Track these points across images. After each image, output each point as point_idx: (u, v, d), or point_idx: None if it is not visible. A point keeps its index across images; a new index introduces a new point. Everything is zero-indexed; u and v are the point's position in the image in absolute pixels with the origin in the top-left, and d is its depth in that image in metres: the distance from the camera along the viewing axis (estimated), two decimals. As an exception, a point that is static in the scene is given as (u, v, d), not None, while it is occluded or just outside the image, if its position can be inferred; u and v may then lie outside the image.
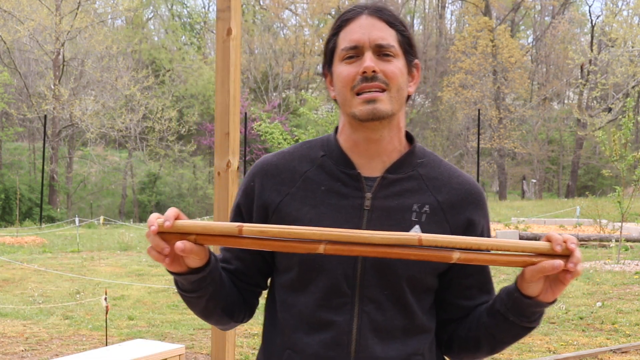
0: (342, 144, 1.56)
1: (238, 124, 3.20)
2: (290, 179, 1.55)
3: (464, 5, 41.52)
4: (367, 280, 1.47)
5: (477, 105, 32.29)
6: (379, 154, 1.53)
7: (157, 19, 43.29)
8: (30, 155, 34.04)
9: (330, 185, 1.52)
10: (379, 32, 1.49)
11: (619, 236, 12.20)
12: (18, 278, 10.11)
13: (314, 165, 1.55)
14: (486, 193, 39.10)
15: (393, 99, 1.49)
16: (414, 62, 1.56)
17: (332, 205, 1.50)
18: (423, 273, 1.49)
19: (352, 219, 1.48)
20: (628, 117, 11.34)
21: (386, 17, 1.51)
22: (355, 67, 1.48)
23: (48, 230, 18.48)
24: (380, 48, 1.48)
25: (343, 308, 1.47)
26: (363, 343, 1.46)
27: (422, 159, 1.56)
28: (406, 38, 1.53)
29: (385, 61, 1.48)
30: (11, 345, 6.52)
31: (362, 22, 1.50)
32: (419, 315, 1.51)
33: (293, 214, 1.51)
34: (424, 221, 1.49)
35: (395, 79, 1.48)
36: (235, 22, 3.15)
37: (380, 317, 1.47)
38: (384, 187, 1.51)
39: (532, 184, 38.99)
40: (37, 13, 27.39)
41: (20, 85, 30.77)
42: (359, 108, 1.47)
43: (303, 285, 1.50)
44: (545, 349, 6.20)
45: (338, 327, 1.46)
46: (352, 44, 1.49)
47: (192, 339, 6.79)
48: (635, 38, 30.61)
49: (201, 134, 33.88)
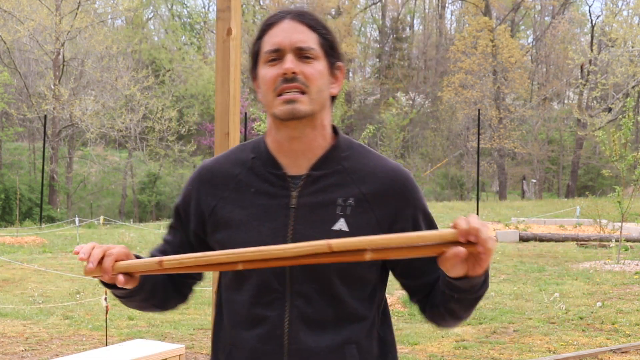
0: (270, 145, 1.62)
1: (238, 124, 3.20)
2: (223, 183, 1.63)
3: (464, 5, 41.52)
4: (296, 276, 1.53)
5: (477, 105, 32.29)
6: (303, 153, 1.58)
7: (157, 19, 43.31)
8: (30, 155, 34.05)
9: (259, 187, 1.59)
10: (300, 35, 1.55)
11: (619, 236, 12.21)
12: (18, 278, 10.12)
13: (245, 168, 1.63)
14: (486, 193, 39.14)
15: (313, 99, 1.53)
16: (336, 64, 1.61)
17: (261, 206, 1.57)
18: (353, 264, 1.50)
19: (279, 218, 1.55)
20: (628, 117, 11.33)
21: (307, 21, 1.57)
22: (276, 69, 1.53)
23: (48, 230, 18.48)
24: (301, 50, 1.54)
25: (275, 303, 1.54)
26: (295, 335, 1.52)
27: (347, 152, 1.60)
28: (328, 41, 1.58)
29: (305, 63, 1.54)
30: (11, 345, 6.52)
31: (284, 26, 1.56)
32: (352, 305, 1.55)
33: (225, 216, 1.60)
34: (349, 214, 1.54)
35: (314, 80, 1.53)
36: (235, 22, 3.15)
37: (310, 309, 1.52)
38: (309, 184, 1.57)
39: (532, 184, 39.00)
40: (37, 13, 27.39)
41: (20, 85, 30.78)
42: (279, 108, 1.53)
43: (239, 284, 1.58)
44: (545, 349, 6.20)
45: (271, 322, 1.53)
46: (274, 47, 1.55)
47: (192, 339, 6.80)
48: (635, 38, 30.61)
49: (201, 134, 33.90)
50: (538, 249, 13.04)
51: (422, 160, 39.20)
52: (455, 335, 6.69)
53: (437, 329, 1.68)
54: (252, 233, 1.56)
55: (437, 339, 6.55)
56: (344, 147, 1.61)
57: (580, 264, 11.17)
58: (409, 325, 7.09)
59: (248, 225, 1.56)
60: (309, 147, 1.58)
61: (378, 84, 43.70)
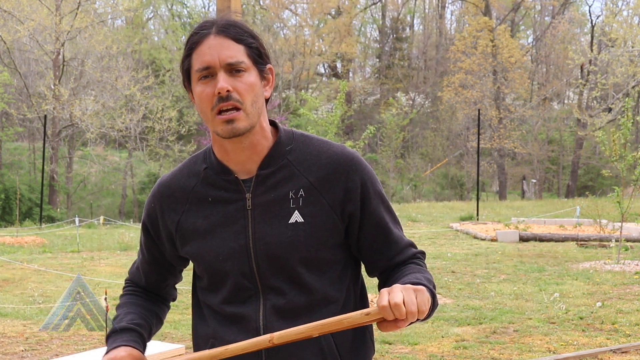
0: (218, 155, 1.68)
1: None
2: (182, 196, 1.70)
3: (464, 5, 41.51)
4: (263, 272, 1.62)
5: (477, 105, 32.28)
6: (249, 157, 1.65)
7: (157, 19, 43.31)
8: (30, 155, 34.04)
9: (215, 195, 1.67)
10: (227, 52, 1.58)
11: (619, 236, 12.21)
12: (18, 278, 10.12)
13: (199, 179, 1.70)
14: (486, 193, 39.13)
15: (249, 113, 1.59)
16: (266, 69, 1.65)
17: (220, 213, 1.65)
18: (314, 250, 1.62)
19: (239, 221, 1.63)
20: (627, 117, 11.33)
21: (233, 34, 1.60)
22: (211, 87, 1.58)
23: (48, 230, 18.48)
24: (231, 66, 1.58)
25: (249, 300, 1.64)
26: (270, 327, 1.60)
27: (290, 145, 1.66)
28: (255, 49, 1.62)
29: (237, 77, 1.58)
30: (11, 345, 6.52)
31: (210, 42, 1.59)
32: (321, 289, 1.63)
33: (190, 228, 1.68)
34: (301, 205, 1.62)
35: (247, 94, 1.58)
36: (235, 22, 3.15)
37: (281, 300, 1.62)
38: (260, 184, 1.64)
39: (532, 184, 38.99)
40: (37, 13, 27.38)
41: (20, 85, 30.77)
42: (220, 128, 1.59)
43: (214, 288, 1.69)
44: (545, 349, 6.20)
45: (248, 317, 1.63)
46: (204, 65, 1.58)
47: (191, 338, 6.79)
48: (635, 38, 30.60)
49: (201, 134, 33.87)
50: (538, 249, 13.04)
51: (422, 160, 39.19)
52: (455, 335, 6.69)
53: None
54: (216, 240, 1.64)
55: (437, 339, 6.55)
56: (286, 141, 1.67)
57: (580, 264, 11.17)
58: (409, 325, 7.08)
59: (212, 234, 1.65)
60: (254, 151, 1.64)
61: (378, 84, 43.69)
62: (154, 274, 1.84)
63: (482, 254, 12.30)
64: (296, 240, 1.60)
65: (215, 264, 1.65)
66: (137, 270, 1.87)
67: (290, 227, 1.60)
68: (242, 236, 1.62)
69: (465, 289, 9.05)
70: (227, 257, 1.63)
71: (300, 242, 1.60)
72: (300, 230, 1.60)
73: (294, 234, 1.60)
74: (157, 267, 1.82)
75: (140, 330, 1.74)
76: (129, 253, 13.25)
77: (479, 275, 10.14)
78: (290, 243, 1.60)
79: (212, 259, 1.65)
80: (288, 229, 1.60)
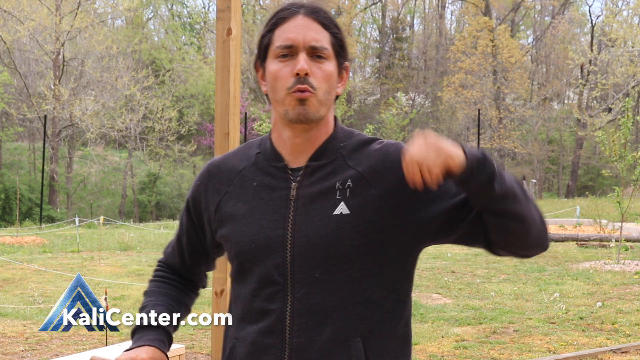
0: (274, 141, 1.62)
1: (238, 124, 3.20)
2: (228, 178, 1.65)
3: (464, 5, 41.52)
4: (297, 266, 1.51)
5: (477, 105, 32.29)
6: (305, 148, 1.59)
7: (157, 19, 43.30)
8: (30, 155, 34.03)
9: (261, 180, 1.60)
10: (314, 34, 1.53)
11: (619, 236, 12.20)
12: (18, 278, 10.11)
13: (250, 163, 1.64)
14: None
15: (321, 101, 1.53)
16: (344, 65, 1.60)
17: (262, 199, 1.58)
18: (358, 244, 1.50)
19: (280, 210, 1.55)
20: (627, 117, 11.33)
21: (321, 19, 1.55)
22: (289, 67, 1.52)
23: (48, 230, 18.48)
24: (314, 50, 1.52)
25: (276, 296, 1.52)
26: (296, 329, 1.50)
27: (345, 142, 1.60)
28: (339, 40, 1.57)
29: (317, 63, 1.53)
30: (11, 345, 6.52)
31: (298, 21, 1.54)
32: (360, 288, 1.50)
33: (229, 211, 1.61)
34: (348, 196, 1.53)
35: (324, 82, 1.53)
36: (235, 22, 3.15)
37: (312, 299, 1.50)
38: (308, 175, 1.57)
39: (532, 184, 38.99)
40: (37, 13, 27.39)
41: (20, 85, 30.77)
42: (291, 110, 1.53)
43: (243, 277, 1.59)
44: (545, 349, 6.20)
45: (273, 315, 1.52)
46: (287, 43, 1.52)
47: (192, 339, 6.80)
48: (635, 38, 30.60)
49: (201, 134, 33.89)
50: (538, 249, 13.03)
51: (422, 160, 39.17)
52: (455, 335, 6.69)
53: (528, 248, 1.53)
54: (253, 226, 1.57)
55: (437, 339, 6.55)
56: (342, 137, 1.61)
57: (580, 264, 11.16)
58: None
59: (250, 219, 1.57)
60: (310, 142, 1.59)
61: (378, 84, 43.68)
62: (188, 257, 1.77)
63: (482, 254, 12.30)
64: (339, 233, 1.50)
65: (248, 251, 1.56)
66: (172, 251, 1.80)
67: (334, 219, 1.51)
68: (280, 226, 1.54)
69: (465, 289, 9.05)
70: (261, 246, 1.55)
71: (344, 234, 1.49)
72: (344, 223, 1.50)
73: (337, 226, 1.50)
74: (192, 251, 1.75)
75: (167, 329, 1.66)
76: (129, 253, 13.25)
77: (479, 275, 10.14)
78: (332, 235, 1.50)
79: (245, 245, 1.57)
80: (332, 221, 1.51)
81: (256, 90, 36.44)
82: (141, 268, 11.22)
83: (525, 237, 1.50)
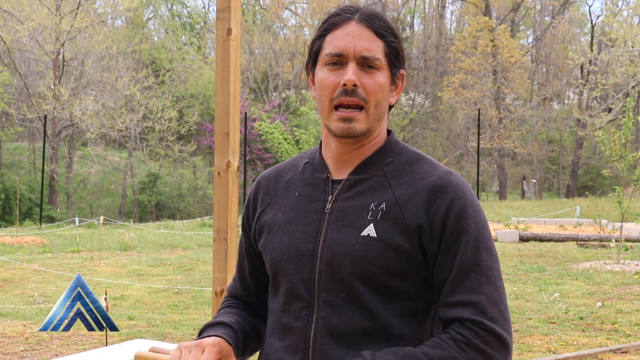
0: (323, 151, 1.57)
1: (238, 124, 3.20)
2: (274, 188, 1.61)
3: (464, 5, 41.52)
4: (323, 283, 1.46)
5: (477, 105, 32.29)
6: (351, 159, 1.53)
7: (157, 19, 43.29)
8: (30, 155, 34.04)
9: (302, 191, 1.56)
10: (365, 43, 1.45)
11: (619, 236, 12.21)
12: (18, 278, 10.11)
13: (297, 173, 1.60)
14: (486, 193, 39.16)
15: (370, 116, 1.47)
16: (399, 73, 1.53)
17: (300, 209, 1.53)
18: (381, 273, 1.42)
19: (314, 222, 1.50)
20: (628, 117, 11.33)
21: (375, 27, 1.47)
22: (337, 77, 1.46)
23: (48, 230, 18.48)
24: (365, 60, 1.45)
25: (301, 313, 1.47)
26: (319, 348, 1.44)
27: (393, 158, 1.52)
28: (394, 49, 1.49)
29: (368, 74, 1.46)
30: (11, 345, 6.52)
31: (350, 29, 1.46)
32: (384, 318, 1.43)
33: (268, 221, 1.57)
34: (378, 219, 1.45)
35: (374, 94, 1.46)
36: (235, 22, 3.15)
37: (336, 320, 1.44)
38: (346, 189, 1.51)
39: (532, 184, 38.98)
40: (37, 13, 27.39)
41: (20, 85, 30.77)
42: (335, 124, 1.47)
43: (275, 290, 1.56)
44: (545, 349, 6.20)
45: (297, 333, 1.47)
46: (337, 51, 1.46)
47: (192, 339, 6.79)
48: (635, 38, 30.60)
49: (201, 134, 33.88)
50: (538, 249, 13.04)
51: (422, 160, 39.17)
52: (455, 335, 6.68)
53: None
54: (286, 237, 1.52)
55: (437, 339, 6.55)
56: (392, 152, 1.53)
57: (580, 264, 11.17)
58: None
59: (285, 230, 1.53)
60: (358, 154, 1.53)
61: (378, 84, 43.64)
62: (251, 282, 1.67)
63: (482, 254, 12.28)
64: (363, 255, 1.42)
65: (279, 263, 1.51)
66: (234, 282, 1.72)
67: (361, 240, 1.43)
68: (312, 239, 1.48)
69: (465, 289, 9.04)
70: (291, 258, 1.49)
71: (368, 258, 1.42)
72: (369, 246, 1.42)
73: (362, 247, 1.43)
74: (253, 271, 1.67)
75: (235, 328, 1.57)
76: (128, 253, 13.25)
77: (479, 275, 10.13)
78: (355, 255, 1.43)
79: (277, 256, 1.52)
80: (358, 240, 1.43)
81: (256, 90, 36.44)
82: (141, 268, 11.23)
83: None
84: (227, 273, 3.14)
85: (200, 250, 13.79)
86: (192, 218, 25.50)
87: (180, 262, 11.88)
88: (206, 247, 14.08)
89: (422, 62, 44.35)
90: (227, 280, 3.12)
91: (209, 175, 34.05)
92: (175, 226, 19.63)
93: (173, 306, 8.21)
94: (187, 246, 14.43)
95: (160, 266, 11.46)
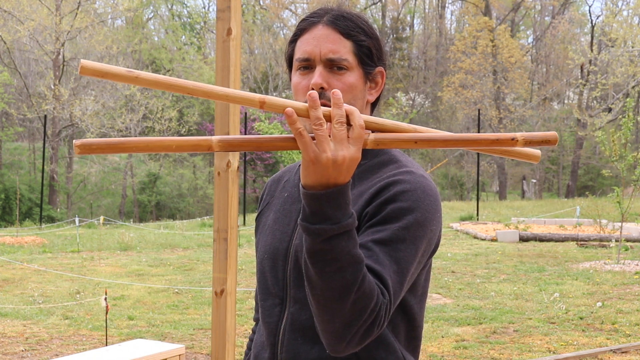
0: None
1: (238, 124, 3.20)
2: (274, 189, 1.66)
3: (464, 5, 41.52)
4: (293, 281, 1.48)
5: (477, 105, 32.28)
6: None
7: (157, 19, 43.29)
8: (30, 155, 34.04)
9: (291, 192, 1.59)
10: (331, 45, 1.46)
11: (619, 236, 12.21)
12: (18, 278, 10.12)
13: (292, 174, 1.63)
14: (486, 193, 39.14)
15: None
16: (374, 71, 1.52)
17: (284, 210, 1.57)
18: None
19: (291, 222, 1.53)
20: (628, 117, 11.33)
21: (342, 28, 1.47)
22: (307, 81, 1.47)
23: (48, 230, 18.48)
24: (332, 62, 1.46)
25: (274, 310, 1.51)
26: (287, 343, 1.47)
27: (366, 161, 1.50)
28: (365, 47, 1.49)
29: (336, 75, 1.46)
30: (11, 345, 6.52)
31: (316, 32, 1.48)
32: None
33: (262, 221, 1.63)
34: None
35: (344, 95, 1.44)
36: (235, 22, 3.15)
37: (303, 316, 1.45)
38: None
39: (532, 184, 38.99)
40: (37, 13, 27.39)
41: (20, 85, 30.78)
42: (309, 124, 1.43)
43: (259, 288, 1.59)
44: (545, 349, 6.20)
45: (269, 328, 1.52)
46: (305, 56, 1.48)
47: (192, 339, 6.80)
48: (635, 38, 30.60)
49: (201, 134, 33.88)
50: (538, 249, 13.04)
51: (422, 160, 39.19)
52: (455, 335, 6.69)
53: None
54: (269, 237, 1.56)
55: (437, 339, 6.55)
56: (368, 154, 1.51)
57: (580, 264, 11.17)
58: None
59: (271, 229, 1.57)
60: None
61: (378, 84, 43.64)
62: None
63: (482, 254, 12.29)
64: None
65: (261, 262, 1.56)
66: (256, 304, 1.67)
67: None
68: (287, 238, 1.51)
69: (465, 289, 9.05)
70: (270, 257, 1.53)
71: None
72: None
73: None
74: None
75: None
76: (128, 253, 13.25)
77: (479, 275, 10.14)
78: None
79: (260, 255, 1.57)
80: None
81: (256, 90, 36.43)
82: (141, 268, 11.23)
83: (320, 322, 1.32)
84: (227, 273, 3.14)
85: (200, 250, 13.79)
86: (192, 218, 25.50)
87: (180, 262, 11.88)
88: (206, 247, 14.08)
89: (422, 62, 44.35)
90: (227, 280, 3.12)
91: (209, 175, 34.06)
92: (175, 226, 19.63)
93: (173, 306, 8.21)
94: (187, 246, 14.43)
95: (160, 266, 11.46)
